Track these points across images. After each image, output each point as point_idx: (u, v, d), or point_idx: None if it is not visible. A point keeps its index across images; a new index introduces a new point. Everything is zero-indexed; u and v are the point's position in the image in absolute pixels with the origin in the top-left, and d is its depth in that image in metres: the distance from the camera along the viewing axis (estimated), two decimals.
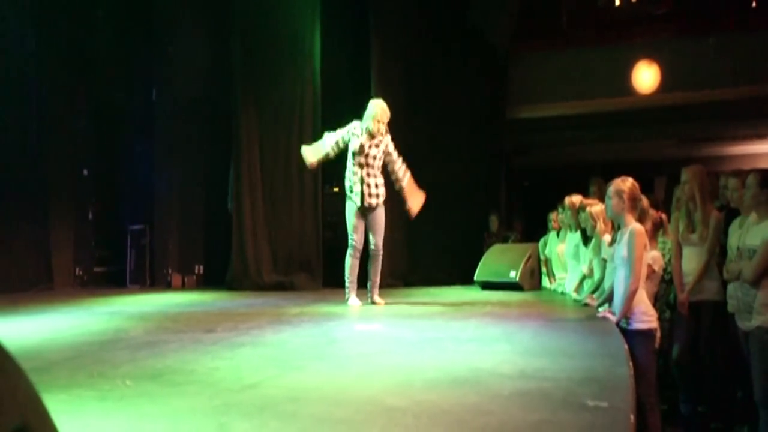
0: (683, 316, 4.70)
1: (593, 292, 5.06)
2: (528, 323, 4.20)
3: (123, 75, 8.67)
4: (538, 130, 10.00)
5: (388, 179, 5.63)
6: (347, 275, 5.55)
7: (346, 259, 5.58)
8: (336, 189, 5.65)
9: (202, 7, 8.57)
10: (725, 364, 4.61)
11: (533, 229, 8.56)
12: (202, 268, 8.51)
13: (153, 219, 8.53)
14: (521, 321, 4.34)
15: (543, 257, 7.08)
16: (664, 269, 4.64)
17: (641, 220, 4.02)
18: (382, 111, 5.44)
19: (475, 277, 7.17)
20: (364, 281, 5.63)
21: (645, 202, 4.27)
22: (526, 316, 4.72)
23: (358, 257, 5.57)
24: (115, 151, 8.85)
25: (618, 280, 3.86)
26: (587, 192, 6.39)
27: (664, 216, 5.10)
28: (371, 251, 5.53)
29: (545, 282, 7.12)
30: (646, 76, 8.97)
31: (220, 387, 2.38)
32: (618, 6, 9.54)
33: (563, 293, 6.24)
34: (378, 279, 5.59)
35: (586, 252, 5.50)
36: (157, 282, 8.34)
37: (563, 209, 6.22)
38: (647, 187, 5.82)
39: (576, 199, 5.88)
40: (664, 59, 8.87)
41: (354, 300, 5.50)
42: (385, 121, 5.44)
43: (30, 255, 7.61)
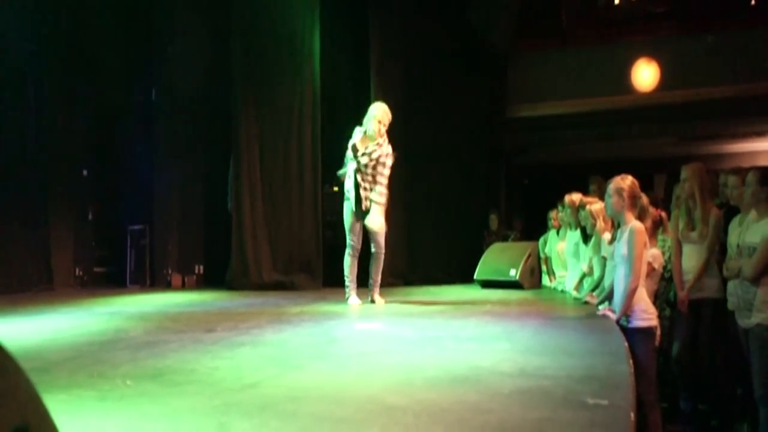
0: (683, 313, 4.71)
1: (593, 290, 5.06)
2: (528, 321, 4.20)
3: (123, 75, 8.65)
4: (537, 128, 10.01)
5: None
6: (346, 274, 5.56)
7: (344, 259, 5.58)
8: (335, 189, 5.65)
9: (201, 7, 8.56)
10: (725, 361, 4.62)
11: (533, 228, 8.56)
12: (202, 267, 8.51)
13: (153, 219, 8.52)
14: (521, 319, 4.34)
15: (543, 256, 7.08)
16: (664, 267, 4.65)
17: (641, 218, 4.02)
18: (383, 112, 5.45)
19: (475, 276, 7.18)
20: (364, 280, 5.63)
21: (645, 200, 4.27)
22: (526, 314, 4.73)
23: (356, 256, 5.58)
24: (115, 151, 8.84)
25: (618, 278, 3.86)
26: (587, 190, 6.39)
27: (663, 214, 5.10)
28: (373, 251, 5.53)
29: (545, 280, 7.13)
30: (645, 74, 8.97)
31: (220, 386, 2.38)
32: (617, 5, 9.56)
33: (563, 291, 6.25)
34: (379, 278, 5.59)
35: (586, 250, 5.50)
36: (157, 282, 8.34)
37: (563, 207, 6.22)
38: (647, 185, 5.81)
39: (576, 198, 5.88)
40: (663, 57, 8.88)
41: (354, 299, 5.50)
42: (386, 123, 5.44)
43: (30, 255, 7.59)
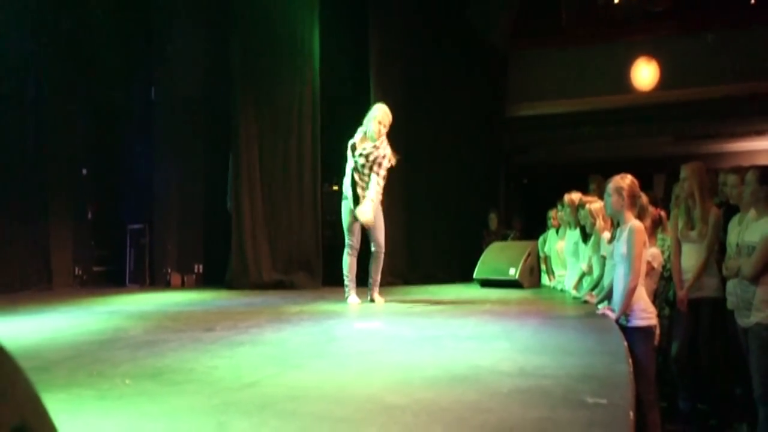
0: (682, 313, 4.71)
1: (592, 289, 5.07)
2: (527, 321, 4.20)
3: (122, 74, 8.65)
4: (537, 127, 10.01)
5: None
6: (345, 274, 5.56)
7: (343, 258, 5.59)
8: (335, 188, 5.65)
9: (201, 7, 8.56)
10: (724, 361, 4.62)
11: (532, 227, 8.56)
12: (201, 267, 8.50)
13: (152, 218, 8.52)
14: (520, 318, 4.34)
15: (542, 255, 7.08)
16: (663, 266, 4.65)
17: (640, 217, 4.02)
18: (384, 113, 5.46)
19: (475, 275, 7.18)
20: (364, 280, 5.63)
21: (644, 199, 4.27)
22: (525, 313, 4.73)
23: (355, 255, 5.58)
24: (114, 151, 8.84)
25: (617, 277, 3.86)
26: (586, 189, 6.39)
27: (663, 213, 5.11)
28: (373, 250, 5.53)
29: (544, 279, 7.13)
30: (645, 73, 8.97)
31: (219, 386, 2.37)
32: (617, 4, 9.55)
33: (562, 291, 6.25)
34: (378, 277, 5.59)
35: (585, 249, 5.51)
36: (157, 281, 8.34)
37: (562, 207, 6.22)
38: (646, 185, 5.81)
39: (575, 197, 5.88)
40: (663, 56, 8.88)
41: (353, 298, 5.50)
42: (386, 124, 5.45)
43: (29, 254, 7.59)
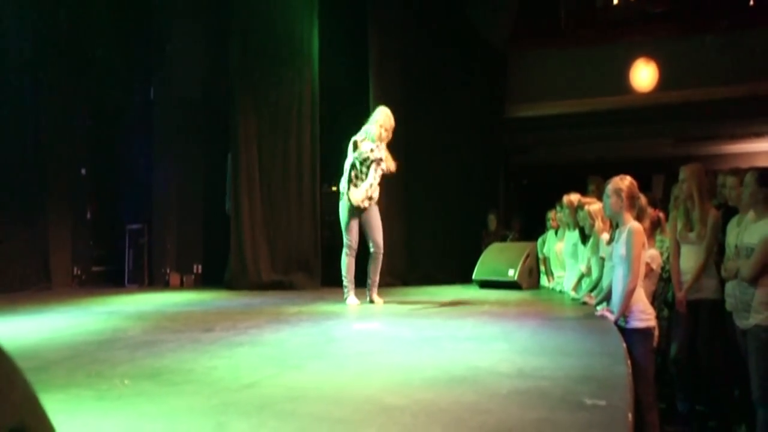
0: (681, 314, 4.71)
1: (591, 290, 5.07)
2: (526, 322, 4.20)
3: (121, 74, 8.65)
4: (536, 128, 10.00)
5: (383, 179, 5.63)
6: (344, 274, 5.56)
7: (342, 259, 5.59)
8: (334, 188, 5.66)
9: (200, 7, 8.56)
10: (723, 362, 4.61)
11: (532, 228, 8.56)
12: (200, 267, 8.50)
13: (151, 218, 8.52)
14: (519, 320, 4.34)
15: (541, 256, 7.08)
16: (662, 268, 4.65)
17: (639, 218, 4.02)
18: (386, 117, 5.50)
19: (474, 276, 7.18)
20: (363, 280, 5.63)
21: (643, 200, 4.27)
22: (524, 314, 4.73)
23: (353, 256, 5.58)
24: (114, 151, 8.84)
25: (616, 278, 3.86)
26: (585, 190, 6.39)
27: (662, 214, 5.10)
28: (372, 251, 5.53)
29: (543, 281, 7.13)
30: (644, 74, 8.97)
31: (218, 386, 2.38)
32: (616, 5, 9.55)
33: (561, 292, 6.25)
34: (377, 278, 5.59)
35: (584, 250, 5.51)
36: (156, 281, 8.33)
37: (561, 208, 6.22)
38: (645, 186, 5.81)
39: (574, 198, 5.88)
40: (662, 58, 8.87)
41: (352, 299, 5.50)
42: (388, 128, 5.48)
43: (28, 254, 7.59)
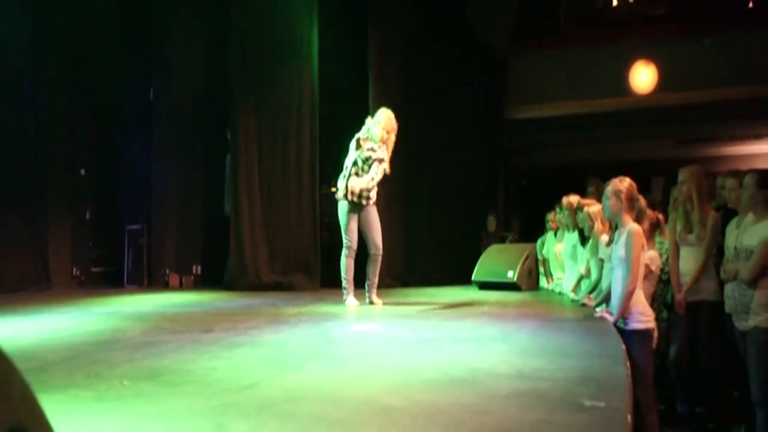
0: (680, 316, 4.71)
1: (590, 292, 5.07)
2: (525, 323, 4.20)
3: (121, 75, 8.65)
4: (536, 130, 10.01)
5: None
6: (343, 275, 5.56)
7: (341, 260, 5.58)
8: (333, 189, 5.67)
9: (200, 7, 8.56)
10: (722, 364, 4.62)
11: (531, 229, 8.56)
12: (199, 268, 8.49)
13: (151, 219, 8.51)
14: (519, 321, 4.34)
15: (540, 257, 7.08)
16: (661, 269, 4.65)
17: (639, 220, 4.02)
18: (388, 119, 5.50)
19: (473, 277, 7.18)
20: (362, 281, 5.63)
21: (642, 202, 4.27)
22: (523, 316, 4.72)
23: (352, 257, 5.58)
24: (113, 151, 8.84)
25: (615, 280, 3.86)
26: (585, 192, 6.40)
27: (661, 216, 5.11)
28: (371, 252, 5.53)
29: (543, 282, 7.13)
30: (643, 76, 8.97)
31: (217, 387, 2.37)
32: (616, 6, 9.56)
33: (561, 293, 6.25)
34: (376, 279, 5.59)
35: (583, 252, 5.51)
36: (155, 282, 8.33)
37: (561, 209, 6.22)
38: (644, 188, 5.83)
39: (573, 199, 5.88)
40: (661, 59, 8.88)
41: (352, 300, 5.50)
42: (389, 130, 5.48)
43: (27, 255, 7.58)
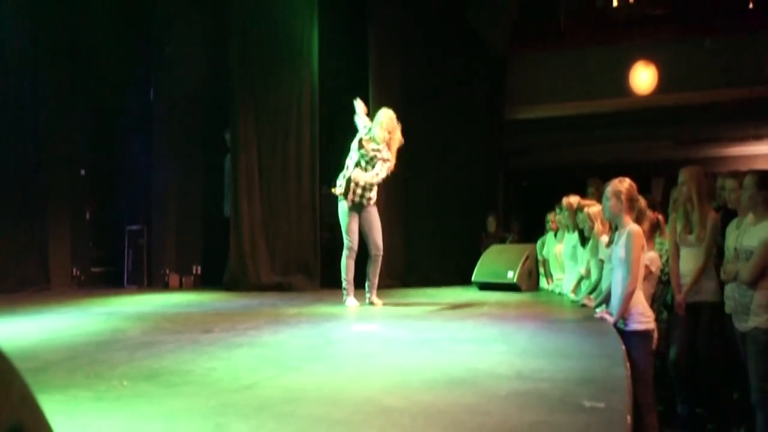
0: (680, 317, 4.71)
1: (590, 292, 5.07)
2: (525, 324, 4.20)
3: (121, 75, 8.64)
4: (536, 130, 10.01)
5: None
6: (344, 276, 5.56)
7: (341, 260, 5.58)
8: (333, 189, 5.68)
9: (200, 7, 8.56)
10: (722, 365, 4.62)
11: (531, 230, 8.57)
12: (199, 268, 8.49)
13: (150, 219, 8.51)
14: (518, 322, 4.34)
15: (540, 258, 7.08)
16: (661, 270, 4.65)
17: (639, 221, 4.03)
18: (389, 120, 5.50)
19: (473, 278, 7.18)
20: (362, 282, 5.63)
21: (642, 203, 4.27)
22: (523, 316, 4.73)
23: (353, 257, 5.58)
24: (113, 151, 8.84)
25: (615, 281, 3.86)
26: (585, 193, 6.40)
27: (661, 217, 5.11)
28: (371, 253, 5.53)
29: (543, 283, 7.13)
30: (643, 77, 8.98)
31: (217, 387, 2.37)
32: (616, 7, 9.57)
33: (560, 294, 6.25)
34: (376, 280, 5.59)
35: (583, 253, 5.51)
36: (155, 282, 8.32)
37: (561, 210, 6.22)
38: (644, 188, 5.82)
39: (573, 200, 5.89)
40: (661, 60, 8.89)
41: (351, 301, 5.50)
42: (390, 130, 5.48)
43: (27, 255, 7.58)
